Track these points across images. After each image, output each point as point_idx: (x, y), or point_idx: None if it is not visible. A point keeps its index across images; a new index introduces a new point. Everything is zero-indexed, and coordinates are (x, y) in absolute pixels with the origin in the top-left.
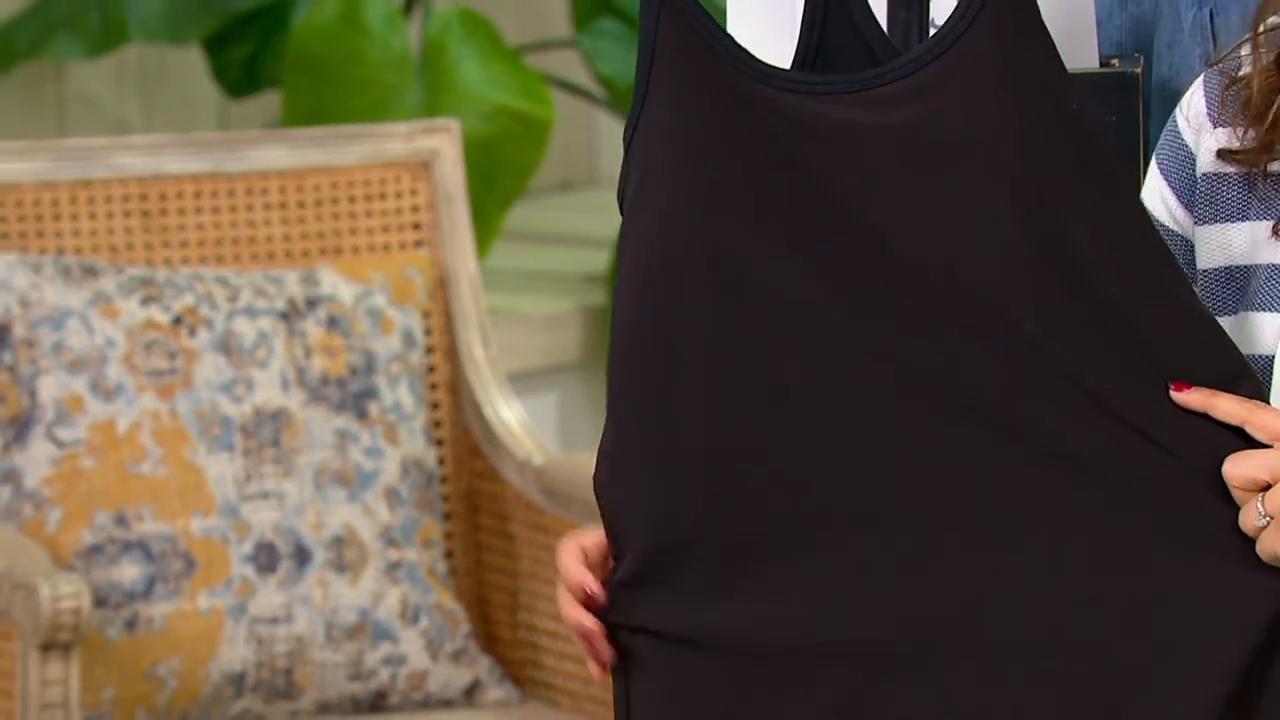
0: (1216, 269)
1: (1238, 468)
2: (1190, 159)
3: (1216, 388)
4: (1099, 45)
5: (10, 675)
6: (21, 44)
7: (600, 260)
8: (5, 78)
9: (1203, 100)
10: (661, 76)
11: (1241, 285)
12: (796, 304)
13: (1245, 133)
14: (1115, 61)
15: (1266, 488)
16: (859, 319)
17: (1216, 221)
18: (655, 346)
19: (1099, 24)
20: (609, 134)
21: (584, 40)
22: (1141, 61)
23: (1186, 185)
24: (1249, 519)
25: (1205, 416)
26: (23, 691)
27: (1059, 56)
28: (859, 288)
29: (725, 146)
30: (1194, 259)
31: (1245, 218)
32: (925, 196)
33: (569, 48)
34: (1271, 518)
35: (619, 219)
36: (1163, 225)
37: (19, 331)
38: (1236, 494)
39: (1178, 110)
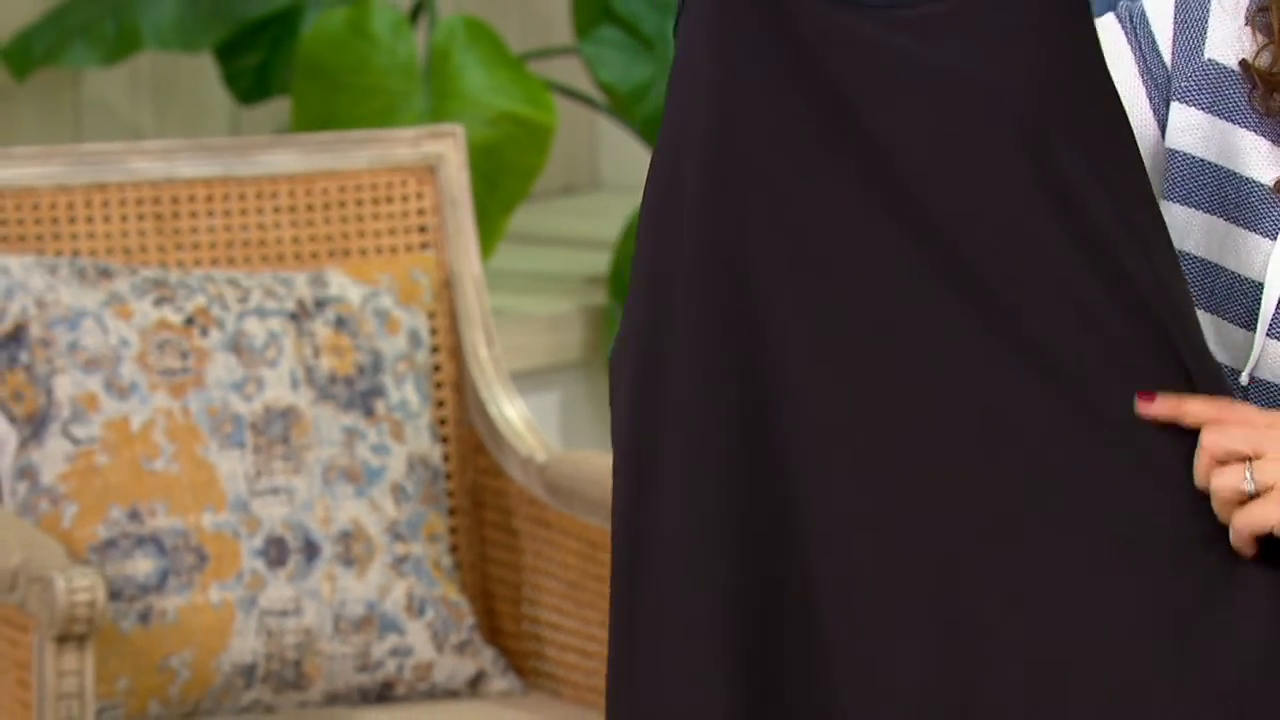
0: (1191, 156)
1: (1218, 438)
2: (1202, 30)
3: (1178, 387)
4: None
5: (27, 666)
6: (38, 51)
7: (602, 262)
8: (22, 84)
9: None
10: None
11: (1216, 186)
12: (805, 219)
13: (1274, 58)
14: None
15: (1246, 461)
16: (861, 238)
17: (1202, 109)
18: (658, 246)
19: None
20: (610, 139)
21: (585, 47)
22: None
23: (1189, 45)
24: (1230, 482)
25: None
26: (39, 682)
27: (1089, 8)
28: (863, 207)
29: (750, 50)
30: (1166, 97)
31: (1234, 121)
32: (936, 124)
33: (571, 55)
34: (1261, 489)
35: (620, 222)
36: (1153, 41)
37: (35, 331)
38: (1207, 464)
39: None
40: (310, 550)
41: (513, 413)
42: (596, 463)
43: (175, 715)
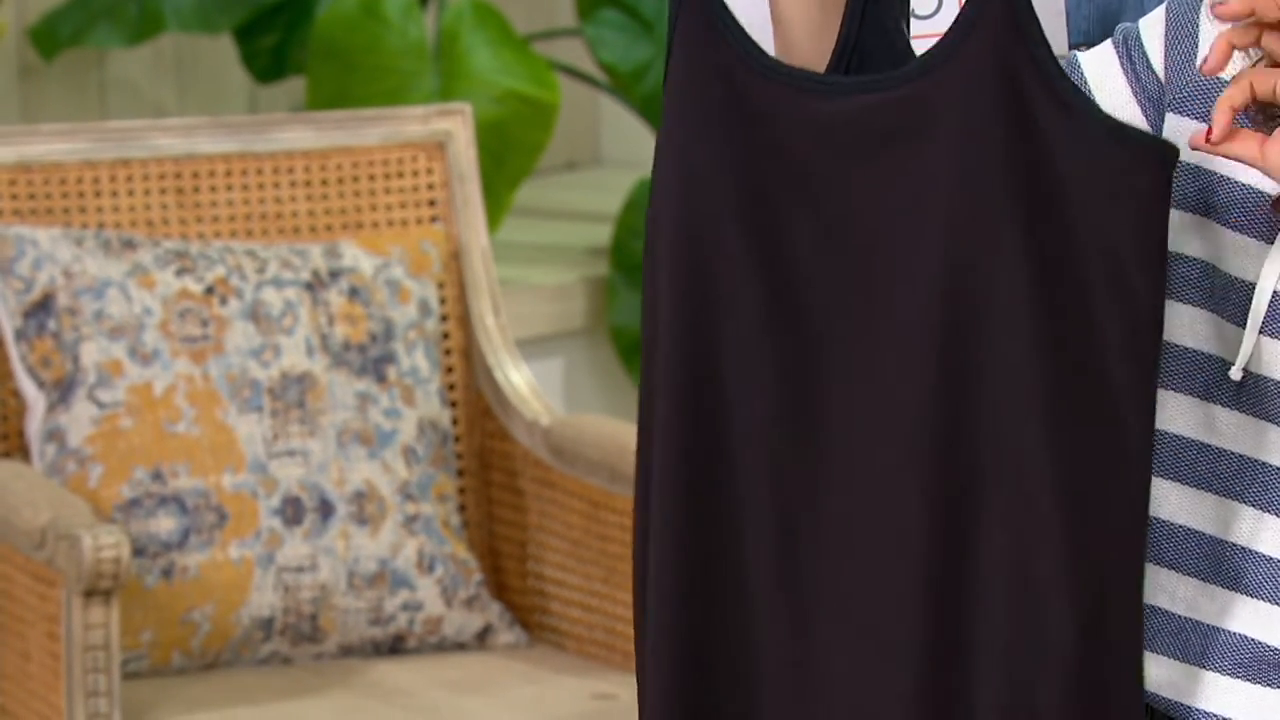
0: (1185, 163)
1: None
2: (1194, 42)
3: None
4: (1068, 34)
5: (55, 620)
6: (65, 33)
7: (603, 235)
8: (50, 65)
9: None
10: (677, 58)
11: (1211, 191)
12: (751, 286)
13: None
14: (1083, 48)
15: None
16: (800, 304)
17: (1195, 118)
18: (647, 312)
19: (1068, 13)
20: (611, 117)
21: (588, 29)
22: None
23: (1181, 57)
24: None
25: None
26: (67, 635)
27: (1047, 77)
28: (803, 274)
29: (714, 132)
30: (1160, 101)
31: None
32: (880, 197)
33: (574, 36)
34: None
35: (621, 196)
36: (1147, 60)
37: (63, 300)
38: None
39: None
40: (325, 509)
41: (518, 378)
42: (598, 426)
43: (197, 666)
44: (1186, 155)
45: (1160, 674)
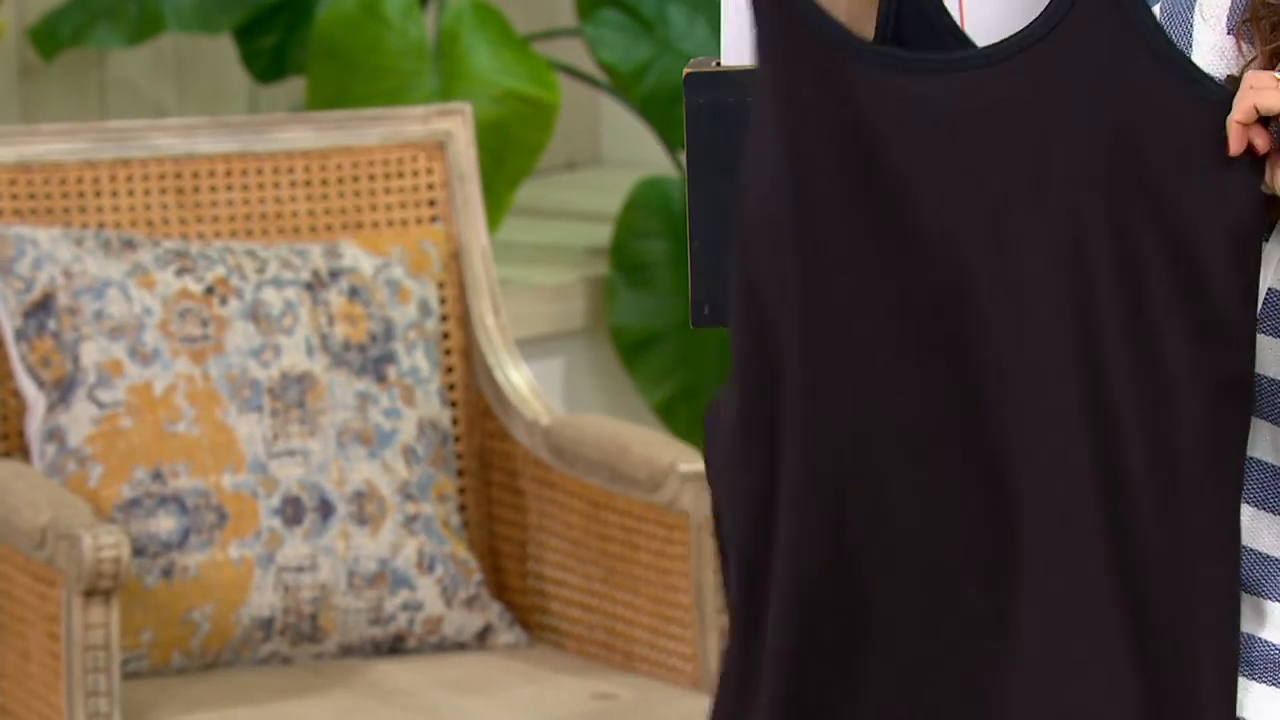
0: None
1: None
2: (1187, 42)
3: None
4: None
5: (56, 619)
6: (65, 33)
7: (603, 234)
8: (50, 64)
9: (1229, 2)
10: (762, 43)
11: None
12: (848, 260)
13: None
14: None
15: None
16: (892, 281)
17: None
18: (740, 292)
19: None
20: (612, 116)
21: (588, 29)
22: None
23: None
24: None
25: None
26: (67, 634)
27: (1152, 55)
28: (897, 249)
29: (805, 115)
30: None
31: None
32: (970, 177)
33: (574, 36)
34: None
35: (621, 196)
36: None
37: (63, 300)
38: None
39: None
40: (325, 509)
41: (518, 378)
42: (598, 426)
43: (197, 666)
44: None
45: None
